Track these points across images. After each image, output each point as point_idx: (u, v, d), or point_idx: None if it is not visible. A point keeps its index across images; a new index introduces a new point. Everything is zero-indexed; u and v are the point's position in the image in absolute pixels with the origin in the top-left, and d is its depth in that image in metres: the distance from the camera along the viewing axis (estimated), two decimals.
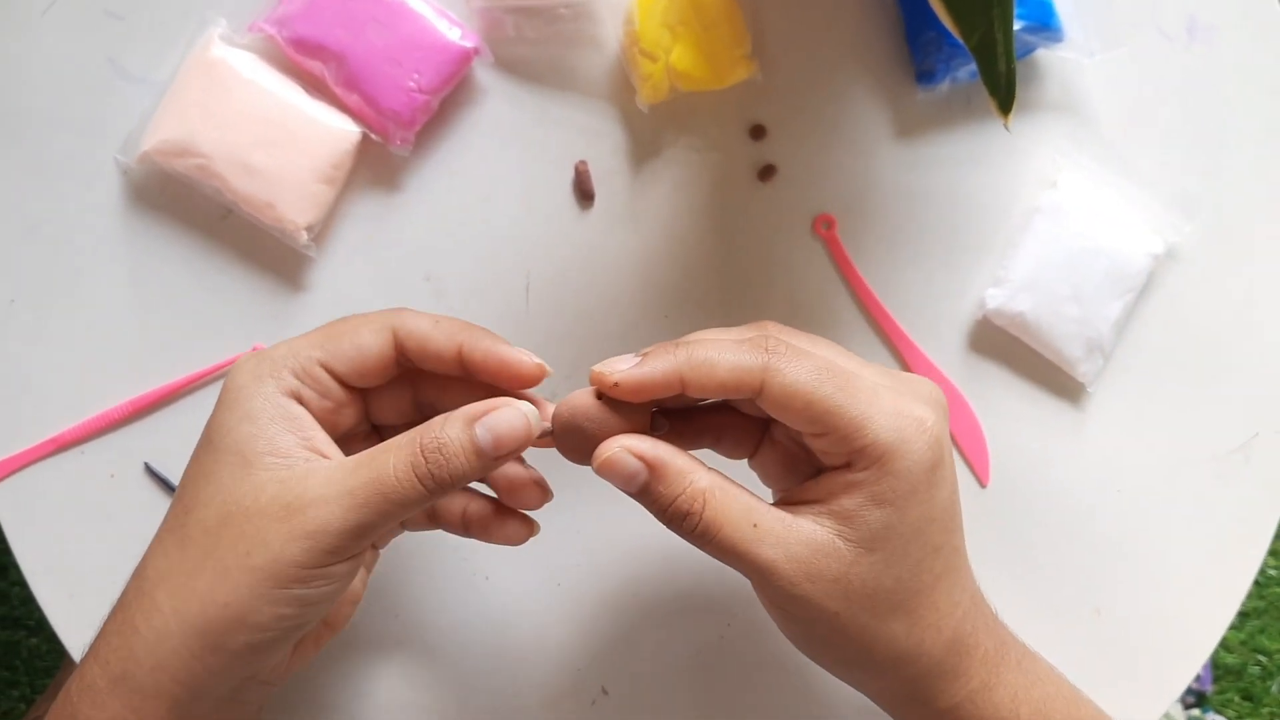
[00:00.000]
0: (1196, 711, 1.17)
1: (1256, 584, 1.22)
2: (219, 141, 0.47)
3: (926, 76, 0.50)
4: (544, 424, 0.37)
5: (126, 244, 0.50)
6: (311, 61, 0.48)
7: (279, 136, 0.47)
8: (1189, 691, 1.17)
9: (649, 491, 0.36)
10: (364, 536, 0.35)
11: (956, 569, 0.38)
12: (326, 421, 0.38)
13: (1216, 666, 1.20)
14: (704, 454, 0.39)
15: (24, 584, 0.49)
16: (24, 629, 1.10)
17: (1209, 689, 1.19)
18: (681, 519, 0.36)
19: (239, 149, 0.47)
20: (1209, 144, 0.52)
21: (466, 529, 0.42)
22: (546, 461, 0.40)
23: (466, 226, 0.51)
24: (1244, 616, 1.21)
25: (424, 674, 0.50)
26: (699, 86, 0.49)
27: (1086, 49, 0.50)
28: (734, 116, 0.51)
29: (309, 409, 0.38)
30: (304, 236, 0.48)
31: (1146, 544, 0.51)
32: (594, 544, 0.50)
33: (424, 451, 0.35)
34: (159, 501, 0.49)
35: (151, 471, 0.50)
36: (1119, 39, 0.51)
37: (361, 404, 0.40)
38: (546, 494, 0.41)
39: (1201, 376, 0.52)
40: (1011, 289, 0.50)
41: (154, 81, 0.49)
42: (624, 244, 0.51)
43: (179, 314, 0.50)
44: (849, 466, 0.36)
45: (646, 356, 0.36)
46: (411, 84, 0.48)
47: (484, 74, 0.50)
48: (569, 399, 0.37)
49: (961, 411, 0.51)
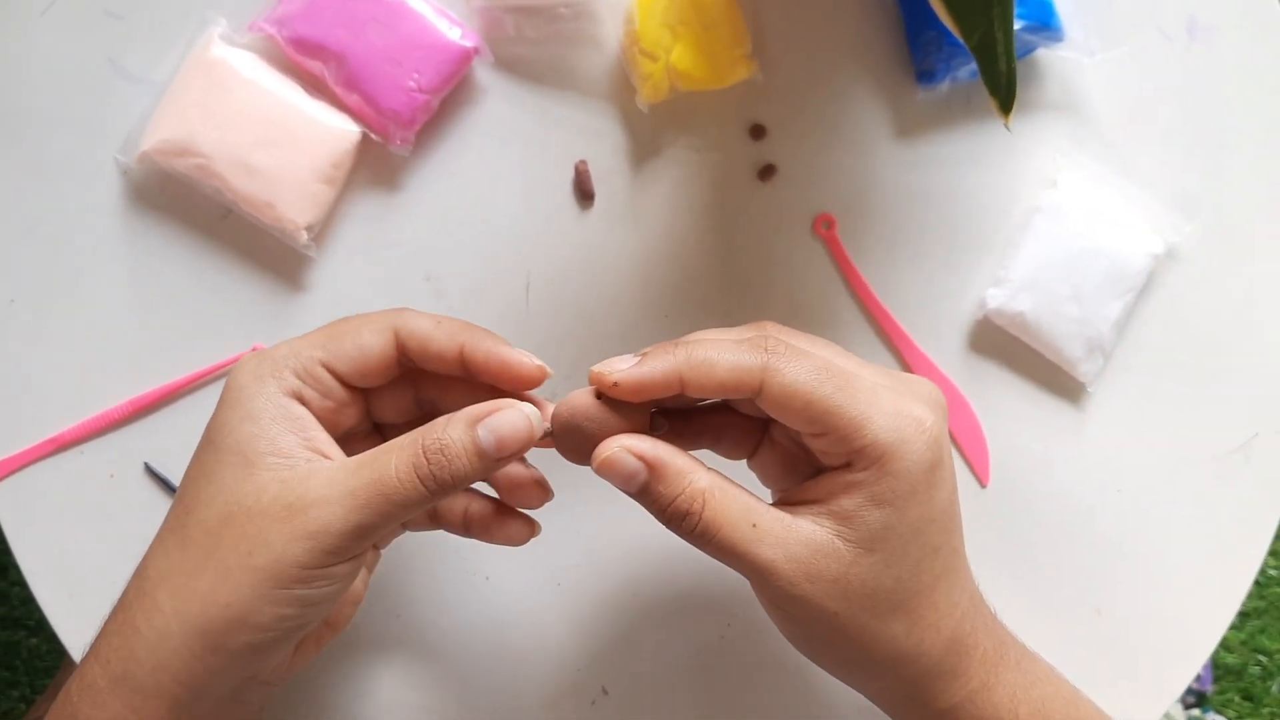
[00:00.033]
0: (1197, 711, 1.17)
1: (1257, 584, 1.22)
2: (219, 141, 0.47)
3: (926, 76, 0.50)
4: (545, 425, 0.37)
5: (126, 244, 0.50)
6: (311, 61, 0.48)
7: (279, 136, 0.47)
8: (1189, 691, 1.17)
9: (648, 491, 0.36)
10: (365, 537, 0.35)
11: (956, 569, 0.38)
12: (328, 421, 0.38)
13: (1217, 666, 1.20)
14: (704, 454, 0.39)
15: (24, 584, 0.49)
16: (24, 629, 1.10)
17: (1209, 689, 1.19)
18: (681, 519, 0.36)
19: (239, 149, 0.47)
20: (1209, 144, 0.52)
21: (468, 529, 0.42)
22: (547, 461, 0.40)
23: (466, 226, 0.51)
24: (1244, 616, 1.21)
25: (424, 674, 0.50)
26: (699, 86, 0.49)
27: (1086, 49, 0.50)
28: (734, 116, 0.51)
29: (310, 409, 0.38)
30: (304, 236, 0.48)
31: (1146, 544, 0.51)
32: (594, 544, 0.50)
33: (426, 452, 0.35)
34: (159, 501, 0.49)
35: (151, 471, 0.50)
36: (1119, 39, 0.51)
37: (363, 404, 0.40)
38: (547, 493, 0.41)
39: (1201, 376, 0.52)
40: (1012, 289, 0.50)
41: (154, 81, 0.49)
42: (624, 244, 0.51)
43: (179, 314, 0.50)
44: (848, 467, 0.36)
45: (646, 356, 0.36)
46: (411, 84, 0.48)
47: (484, 74, 0.50)
48: (569, 399, 0.37)
49: (961, 411, 0.51)
